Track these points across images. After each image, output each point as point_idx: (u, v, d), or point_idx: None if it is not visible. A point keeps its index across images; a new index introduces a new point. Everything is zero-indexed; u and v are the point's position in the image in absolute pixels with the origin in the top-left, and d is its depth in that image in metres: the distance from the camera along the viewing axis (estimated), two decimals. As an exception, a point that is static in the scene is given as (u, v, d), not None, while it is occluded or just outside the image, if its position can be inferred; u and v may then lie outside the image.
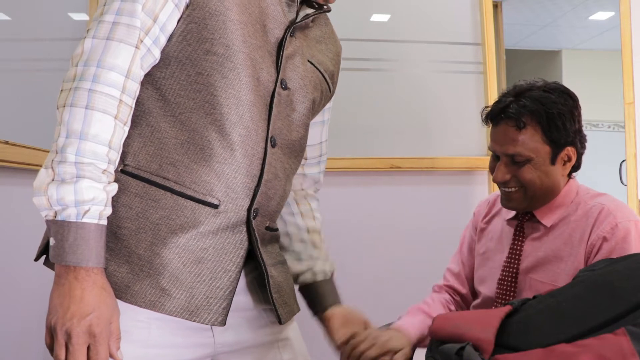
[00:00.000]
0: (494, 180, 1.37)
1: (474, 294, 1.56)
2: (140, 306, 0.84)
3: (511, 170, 1.33)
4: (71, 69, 0.81)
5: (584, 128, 1.41)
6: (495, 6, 2.50)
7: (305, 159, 1.17)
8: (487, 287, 1.44)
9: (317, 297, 1.15)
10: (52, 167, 0.78)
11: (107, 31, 0.81)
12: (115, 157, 0.82)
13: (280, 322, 0.95)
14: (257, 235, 0.92)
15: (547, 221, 1.36)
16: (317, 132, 1.17)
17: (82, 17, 1.98)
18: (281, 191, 0.99)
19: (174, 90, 0.88)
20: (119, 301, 0.83)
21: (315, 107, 1.06)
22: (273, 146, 0.94)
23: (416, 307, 1.48)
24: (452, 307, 1.56)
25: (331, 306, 1.13)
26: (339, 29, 1.18)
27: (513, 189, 1.34)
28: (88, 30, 0.83)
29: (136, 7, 0.82)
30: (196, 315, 0.86)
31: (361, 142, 2.21)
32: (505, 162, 1.34)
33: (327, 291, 1.14)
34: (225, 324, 0.89)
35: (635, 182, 2.23)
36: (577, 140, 1.35)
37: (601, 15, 3.05)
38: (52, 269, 0.89)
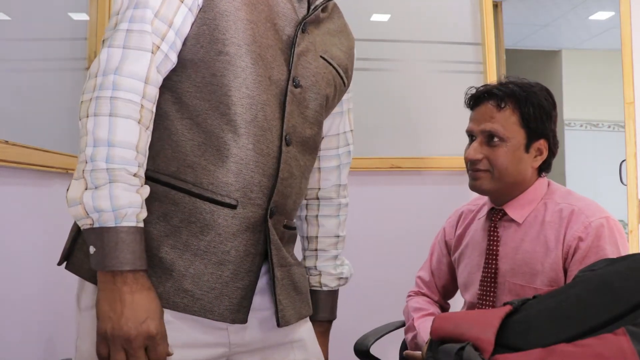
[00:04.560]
0: (466, 158, 1.38)
1: (445, 299, 1.62)
2: (164, 307, 0.84)
3: (484, 151, 1.35)
4: (90, 80, 0.82)
5: (583, 128, 1.42)
6: (495, 6, 2.50)
7: (320, 149, 1.15)
8: (470, 294, 1.45)
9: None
10: (83, 177, 0.78)
11: (122, 39, 0.82)
12: (143, 160, 0.82)
13: (278, 324, 0.94)
14: (271, 235, 0.93)
15: (518, 217, 1.36)
16: (335, 123, 1.16)
17: (82, 17, 1.98)
18: (297, 189, 0.99)
19: (190, 93, 0.89)
20: None
21: (329, 103, 1.06)
22: (288, 144, 0.95)
23: (418, 316, 1.51)
24: (436, 305, 1.59)
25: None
26: (338, 29, 1.18)
27: (482, 170, 1.35)
28: (104, 40, 0.84)
29: (149, 14, 0.83)
30: (219, 315, 0.87)
31: (361, 142, 2.20)
32: (480, 141, 1.36)
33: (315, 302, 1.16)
34: (246, 322, 0.90)
35: (635, 182, 2.23)
36: (551, 137, 1.37)
37: (601, 15, 3.06)
38: (75, 273, 0.90)
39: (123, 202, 0.77)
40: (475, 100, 1.40)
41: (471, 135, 1.40)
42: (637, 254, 1.07)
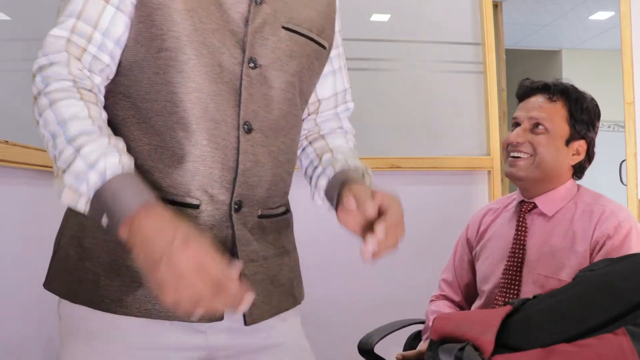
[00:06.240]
0: (507, 141, 1.43)
1: (468, 300, 1.61)
2: (136, 316, 0.82)
3: (528, 137, 1.40)
4: (32, 85, 0.81)
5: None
6: (495, 6, 2.50)
7: (317, 113, 1.10)
8: (491, 284, 1.46)
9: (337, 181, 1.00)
10: (58, 167, 0.76)
11: (47, 47, 0.81)
12: (102, 124, 0.79)
13: (244, 323, 0.90)
14: (237, 230, 0.89)
15: (549, 210, 1.40)
16: (328, 83, 1.09)
17: (82, 17, 1.98)
18: (269, 176, 0.93)
19: (140, 96, 0.86)
20: (112, 315, 0.83)
21: (304, 75, 0.98)
22: (248, 132, 0.89)
23: (434, 318, 1.54)
24: (457, 309, 1.60)
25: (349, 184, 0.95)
26: (339, 28, 1.17)
27: (522, 155, 1.40)
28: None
29: (71, 21, 0.82)
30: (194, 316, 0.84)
31: (361, 142, 2.20)
32: (524, 128, 1.41)
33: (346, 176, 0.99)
34: (223, 318, 0.87)
35: (635, 182, 2.23)
36: (590, 144, 1.43)
37: (601, 15, 3.05)
38: (54, 292, 0.89)
39: (94, 158, 0.74)
40: (530, 91, 1.46)
41: (516, 123, 1.45)
42: (637, 254, 1.07)
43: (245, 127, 0.89)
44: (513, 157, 1.42)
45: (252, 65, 0.89)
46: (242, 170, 0.89)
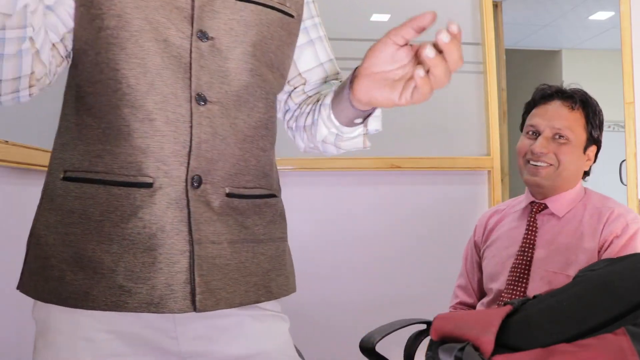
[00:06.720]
0: (529, 150, 1.43)
1: (481, 300, 1.61)
2: (103, 309, 0.80)
3: (551, 147, 1.41)
4: None
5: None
6: (495, 6, 2.50)
7: (304, 84, 1.05)
8: (499, 282, 1.47)
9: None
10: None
11: None
12: None
13: (194, 309, 0.82)
14: (192, 207, 0.84)
15: (559, 211, 1.43)
16: (310, 54, 1.05)
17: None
18: (234, 150, 0.89)
19: (87, 80, 0.84)
20: (80, 310, 0.81)
21: (269, 44, 0.94)
22: (204, 103, 0.85)
23: None
24: None
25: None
26: (339, 29, 1.16)
27: (545, 164, 1.42)
28: None
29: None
30: (162, 306, 0.80)
31: (361, 142, 2.21)
32: (546, 137, 1.42)
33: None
34: (196, 310, 0.82)
35: (635, 182, 2.23)
36: (599, 147, 1.47)
37: (601, 15, 3.05)
38: (26, 294, 0.88)
39: None
40: (548, 96, 1.46)
41: (535, 131, 1.45)
42: (637, 254, 1.07)
43: (199, 99, 0.85)
44: (534, 165, 1.43)
45: (202, 37, 0.86)
46: (197, 143, 0.84)
